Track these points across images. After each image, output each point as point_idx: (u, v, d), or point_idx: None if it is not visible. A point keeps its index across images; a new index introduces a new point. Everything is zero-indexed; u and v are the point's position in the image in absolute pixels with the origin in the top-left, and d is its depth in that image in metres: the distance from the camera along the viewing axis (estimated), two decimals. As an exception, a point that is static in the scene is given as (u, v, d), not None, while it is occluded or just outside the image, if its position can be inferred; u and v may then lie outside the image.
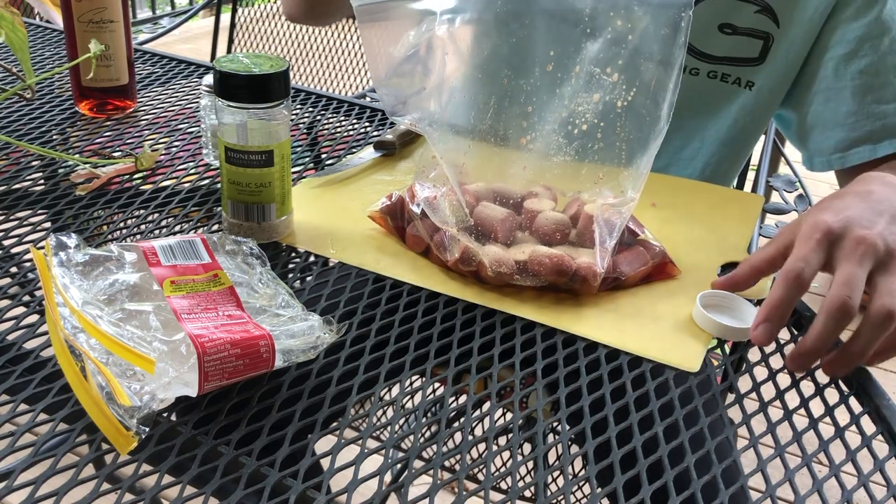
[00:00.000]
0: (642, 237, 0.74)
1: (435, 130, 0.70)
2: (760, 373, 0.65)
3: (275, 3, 2.17)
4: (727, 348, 0.69)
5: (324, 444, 0.56)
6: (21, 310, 0.64)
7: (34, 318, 0.63)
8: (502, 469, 0.54)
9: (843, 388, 0.65)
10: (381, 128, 1.06)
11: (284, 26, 2.10)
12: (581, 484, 1.28)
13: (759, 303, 0.73)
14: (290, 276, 0.72)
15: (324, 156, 0.97)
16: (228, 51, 2.05)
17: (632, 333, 0.66)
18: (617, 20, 0.67)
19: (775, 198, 1.28)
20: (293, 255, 0.75)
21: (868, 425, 0.62)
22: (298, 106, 1.11)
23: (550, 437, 1.13)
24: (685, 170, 1.01)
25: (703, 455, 0.56)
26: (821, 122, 0.93)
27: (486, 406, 0.60)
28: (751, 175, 1.30)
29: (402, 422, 1.29)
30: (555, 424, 1.02)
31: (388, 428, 0.80)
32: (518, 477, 0.53)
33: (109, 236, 0.77)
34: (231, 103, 0.69)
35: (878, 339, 0.60)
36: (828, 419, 0.60)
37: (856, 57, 0.88)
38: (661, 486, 0.53)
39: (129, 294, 0.58)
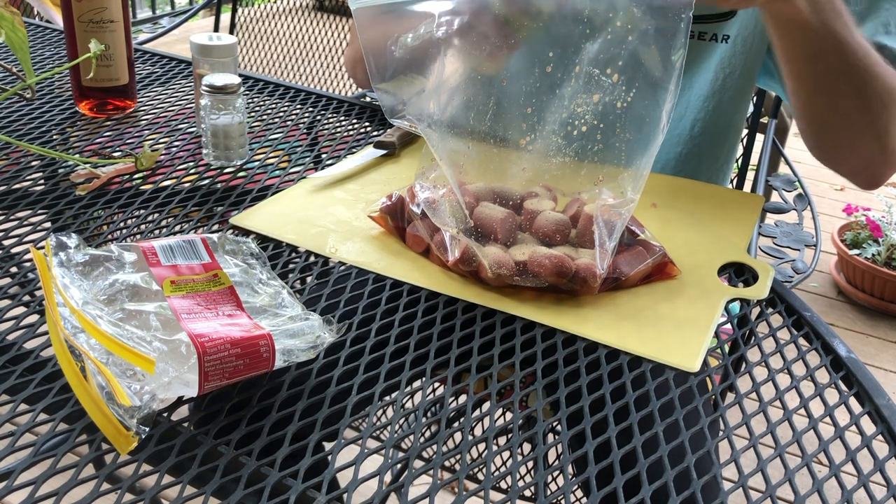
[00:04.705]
0: (642, 237, 0.74)
1: (434, 132, 0.70)
2: (760, 373, 0.65)
3: (275, 2, 2.17)
4: (727, 348, 0.69)
5: (324, 443, 0.56)
6: (21, 310, 0.64)
7: (34, 318, 0.63)
8: (502, 469, 0.54)
9: (843, 388, 0.65)
10: (381, 128, 1.06)
11: (284, 26, 2.10)
12: (581, 484, 1.28)
13: (757, 303, 0.73)
14: (290, 276, 0.72)
15: (324, 156, 0.97)
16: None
17: (632, 333, 0.66)
18: (616, 21, 0.67)
19: (775, 197, 1.28)
20: (293, 255, 0.75)
21: (868, 425, 0.62)
22: (298, 106, 1.11)
23: (550, 437, 1.13)
24: (675, 129, 1.01)
25: (703, 455, 0.56)
26: None
27: (486, 406, 0.60)
28: (750, 175, 1.30)
29: (402, 422, 1.29)
30: (555, 424, 1.02)
31: (388, 428, 0.80)
32: (518, 477, 0.53)
33: (109, 236, 0.77)
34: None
35: None
36: (828, 419, 0.60)
37: None
38: (661, 486, 0.53)
39: (129, 294, 0.58)
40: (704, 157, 1.02)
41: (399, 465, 0.54)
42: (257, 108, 1.10)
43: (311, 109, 1.11)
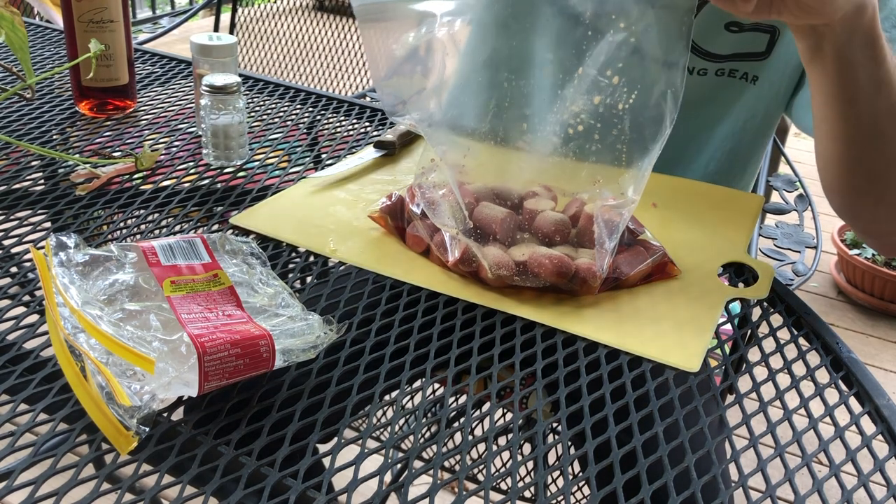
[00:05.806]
0: (642, 237, 0.74)
1: (434, 131, 0.70)
2: (760, 373, 0.65)
3: (275, 2, 2.17)
4: (727, 348, 0.69)
5: (322, 444, 0.56)
6: (21, 310, 0.64)
7: (34, 318, 0.63)
8: (502, 469, 0.54)
9: (843, 388, 0.65)
10: (381, 128, 1.06)
11: (284, 26, 2.10)
12: (581, 484, 1.28)
13: (758, 303, 0.73)
14: (290, 276, 0.72)
15: (324, 156, 0.97)
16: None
17: (632, 333, 0.66)
18: (619, 23, 0.67)
19: (775, 197, 1.28)
20: (293, 255, 0.75)
21: (868, 425, 0.62)
22: (298, 106, 1.11)
23: (550, 438, 1.13)
24: (691, 163, 1.01)
25: (703, 455, 0.56)
26: (806, 101, 0.91)
27: (486, 406, 0.60)
28: (751, 175, 1.30)
29: (402, 422, 1.29)
30: (555, 424, 1.02)
31: (388, 428, 0.80)
32: (518, 477, 0.53)
33: (109, 236, 0.77)
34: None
35: None
36: (828, 419, 0.60)
37: None
38: (661, 486, 0.53)
39: (129, 294, 0.58)
40: None
41: (399, 465, 0.54)
42: (257, 108, 1.09)
43: (311, 109, 1.11)
